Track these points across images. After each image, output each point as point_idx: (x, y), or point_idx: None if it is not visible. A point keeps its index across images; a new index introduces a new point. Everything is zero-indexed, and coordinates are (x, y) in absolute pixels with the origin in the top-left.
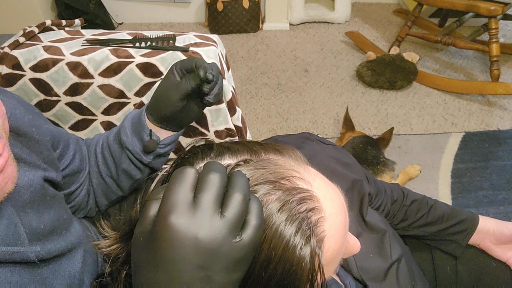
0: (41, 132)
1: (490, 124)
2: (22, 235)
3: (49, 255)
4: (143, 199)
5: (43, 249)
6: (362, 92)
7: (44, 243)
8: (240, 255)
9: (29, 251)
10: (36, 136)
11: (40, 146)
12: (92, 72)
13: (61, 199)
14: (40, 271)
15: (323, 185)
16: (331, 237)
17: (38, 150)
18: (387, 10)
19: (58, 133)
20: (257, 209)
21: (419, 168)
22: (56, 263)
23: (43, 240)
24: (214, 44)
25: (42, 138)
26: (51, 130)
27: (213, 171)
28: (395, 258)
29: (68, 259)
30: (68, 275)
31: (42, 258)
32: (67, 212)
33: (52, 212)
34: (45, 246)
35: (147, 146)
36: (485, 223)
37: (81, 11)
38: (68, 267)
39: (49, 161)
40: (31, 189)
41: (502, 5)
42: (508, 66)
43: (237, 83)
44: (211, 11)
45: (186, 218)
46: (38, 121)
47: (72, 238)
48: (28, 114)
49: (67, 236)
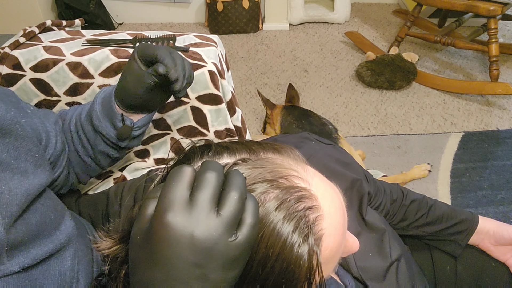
0: (25, 128)
1: (489, 124)
2: (2, 254)
3: (34, 261)
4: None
5: (26, 258)
6: (361, 92)
7: (29, 250)
8: (236, 253)
9: (10, 266)
10: (21, 132)
11: (28, 143)
12: (93, 72)
13: (49, 198)
14: (29, 274)
15: (321, 184)
16: (329, 236)
17: (27, 148)
18: (386, 10)
19: (38, 123)
20: (253, 208)
21: (426, 168)
22: (45, 264)
23: (27, 248)
24: (214, 45)
25: (27, 134)
26: (31, 124)
27: (209, 170)
28: (394, 258)
29: (56, 258)
30: (58, 274)
31: (28, 266)
32: (56, 210)
33: (38, 216)
34: (29, 253)
35: (120, 133)
36: (485, 224)
37: (81, 11)
38: (57, 266)
39: (39, 159)
40: (22, 200)
41: (502, 5)
42: (507, 66)
43: (237, 83)
44: (211, 11)
45: (182, 216)
46: (19, 115)
47: (61, 237)
48: (10, 111)
49: (56, 235)
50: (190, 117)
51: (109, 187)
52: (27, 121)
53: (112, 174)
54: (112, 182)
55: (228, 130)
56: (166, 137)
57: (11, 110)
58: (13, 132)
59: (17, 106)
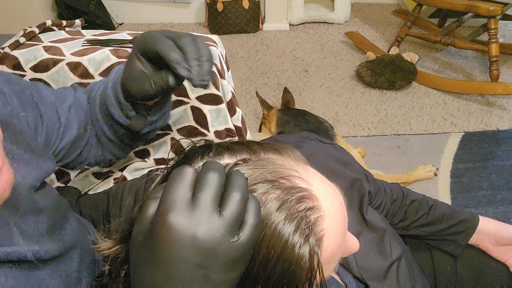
0: (22, 122)
1: (489, 124)
2: (16, 234)
3: (47, 255)
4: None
5: (41, 249)
6: (361, 92)
7: (42, 242)
8: (238, 254)
9: (26, 250)
10: (18, 127)
11: (26, 138)
12: (93, 72)
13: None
14: (36, 273)
15: (322, 184)
16: (330, 236)
17: (25, 142)
18: (386, 11)
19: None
20: (255, 208)
21: (430, 169)
22: (54, 264)
23: (40, 240)
24: (214, 45)
25: (24, 129)
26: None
27: (211, 170)
28: (395, 257)
29: (65, 259)
30: (65, 275)
31: (41, 258)
32: (61, 210)
33: (46, 212)
34: (43, 245)
35: (133, 126)
36: (485, 224)
37: (81, 11)
38: (65, 266)
39: (38, 152)
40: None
41: (502, 5)
42: (507, 66)
43: (237, 83)
44: (211, 12)
45: (184, 217)
46: (19, 108)
47: (67, 237)
48: (7, 105)
49: (62, 235)
50: (190, 117)
51: (110, 187)
52: (26, 114)
53: (112, 174)
54: (112, 182)
55: (228, 130)
56: (166, 137)
57: (9, 104)
58: (10, 126)
59: (20, 96)
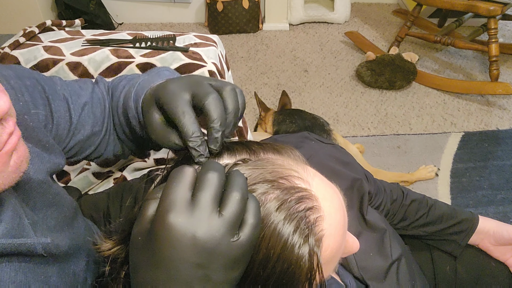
0: (33, 119)
1: (489, 124)
2: (27, 227)
3: (57, 250)
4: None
5: (52, 242)
6: (361, 92)
7: (53, 236)
8: (238, 253)
9: (36, 242)
10: (30, 123)
11: (38, 134)
12: (93, 72)
13: (62, 197)
14: (46, 269)
15: (321, 185)
16: (329, 236)
17: (36, 138)
18: (386, 10)
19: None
20: (254, 208)
21: (432, 170)
22: (63, 263)
23: (50, 234)
24: (214, 44)
25: (35, 125)
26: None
27: (211, 170)
28: (395, 257)
29: (73, 258)
30: (72, 274)
31: (50, 252)
32: (69, 209)
33: (55, 208)
34: (54, 239)
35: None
36: (485, 224)
37: (81, 11)
38: (73, 266)
39: (49, 148)
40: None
41: (502, 5)
42: (507, 66)
43: (237, 83)
44: (211, 11)
45: (184, 217)
46: (31, 105)
47: (75, 236)
48: (18, 101)
49: (70, 233)
50: None
51: (110, 188)
52: (36, 112)
53: (112, 174)
54: (112, 182)
55: None
56: None
57: (20, 101)
58: (22, 122)
59: (32, 92)
